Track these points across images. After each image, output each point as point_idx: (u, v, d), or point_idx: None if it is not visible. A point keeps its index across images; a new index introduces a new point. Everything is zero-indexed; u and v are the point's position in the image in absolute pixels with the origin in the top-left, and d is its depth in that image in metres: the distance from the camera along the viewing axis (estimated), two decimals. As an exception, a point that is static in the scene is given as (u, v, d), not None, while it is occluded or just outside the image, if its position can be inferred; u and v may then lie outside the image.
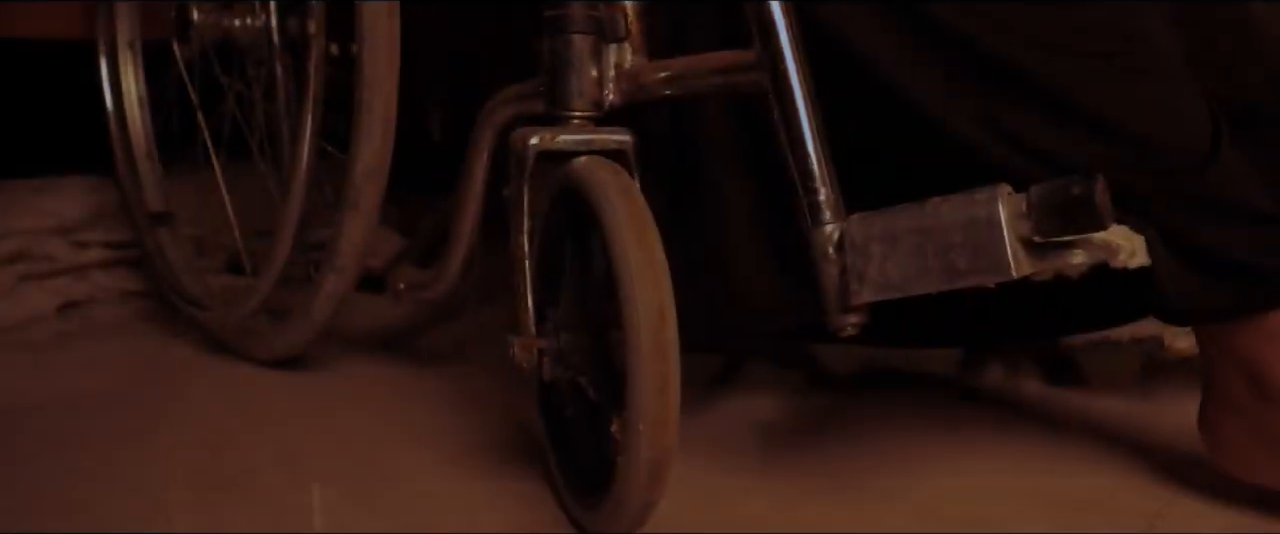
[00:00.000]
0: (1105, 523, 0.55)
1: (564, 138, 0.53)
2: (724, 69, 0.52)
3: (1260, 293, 0.50)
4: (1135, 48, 0.52)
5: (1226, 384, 0.54)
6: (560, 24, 0.54)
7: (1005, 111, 0.52)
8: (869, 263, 0.47)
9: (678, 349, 0.45)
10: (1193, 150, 0.51)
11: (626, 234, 0.46)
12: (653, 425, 0.44)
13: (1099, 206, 0.41)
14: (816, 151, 0.49)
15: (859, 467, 0.62)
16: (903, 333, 0.70)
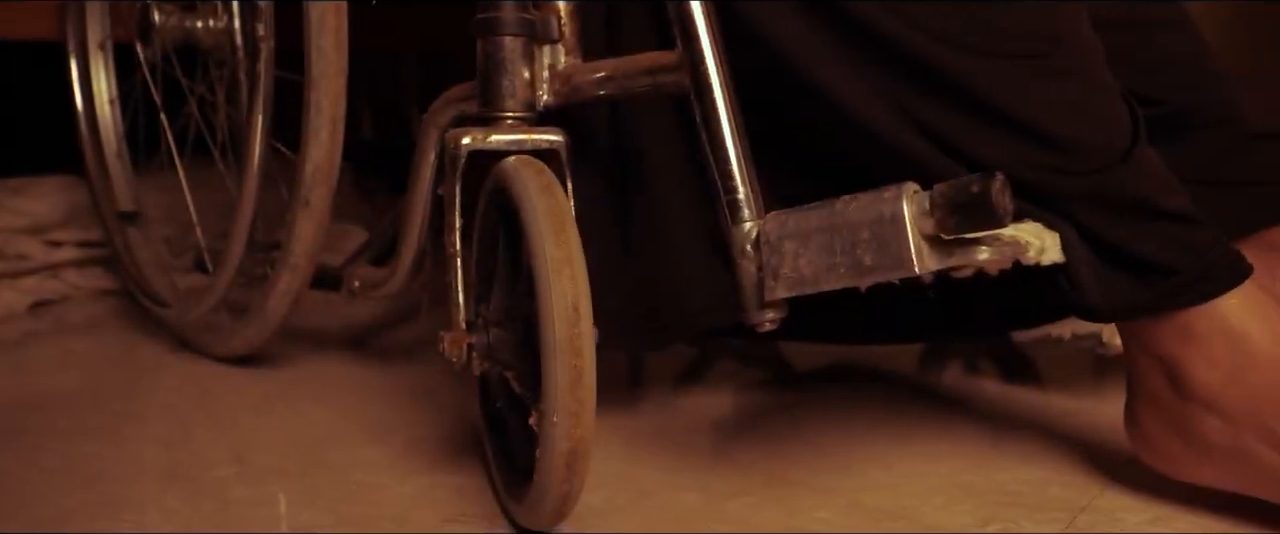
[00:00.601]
0: (1028, 516, 0.56)
1: (495, 138, 0.54)
2: (650, 70, 0.53)
3: (1173, 292, 0.52)
4: (1056, 49, 0.53)
5: (1147, 381, 0.55)
6: (492, 26, 0.55)
7: (927, 112, 0.53)
8: (783, 260, 0.48)
9: (592, 344, 0.47)
10: (1110, 150, 0.53)
11: (544, 231, 0.47)
12: (567, 418, 0.46)
13: (996, 205, 0.42)
14: (736, 151, 0.50)
15: (795, 462, 0.63)
16: (853, 330, 0.71)
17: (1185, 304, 0.52)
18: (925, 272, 0.45)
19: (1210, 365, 0.52)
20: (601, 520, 0.56)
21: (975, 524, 0.55)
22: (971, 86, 0.53)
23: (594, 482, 0.60)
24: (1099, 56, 0.55)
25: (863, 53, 0.54)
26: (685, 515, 0.57)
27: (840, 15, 0.53)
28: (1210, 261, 0.52)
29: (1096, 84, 0.54)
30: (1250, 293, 0.52)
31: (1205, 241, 0.52)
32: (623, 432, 0.69)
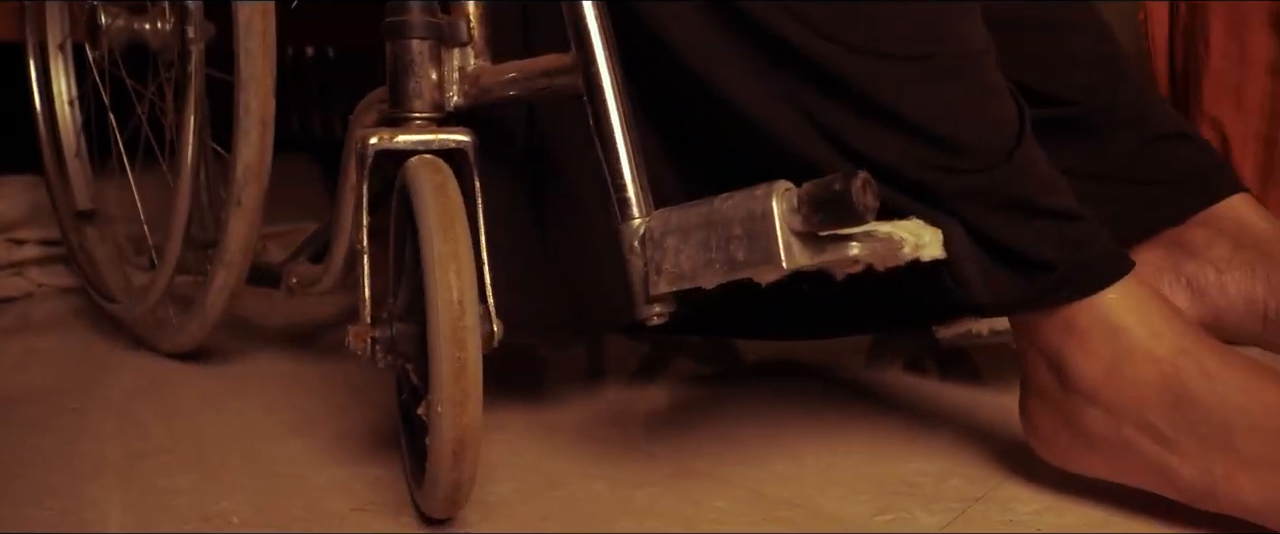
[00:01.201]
0: (923, 506, 0.58)
1: (402, 138, 0.56)
2: (547, 72, 0.55)
3: (1053, 287, 0.53)
4: (945, 51, 0.55)
5: (1035, 375, 0.57)
6: (399, 30, 0.57)
7: (824, 113, 0.55)
8: (665, 256, 0.50)
9: (477, 336, 0.49)
10: (995, 150, 0.54)
11: (433, 227, 0.49)
12: (452, 407, 0.48)
13: (855, 202, 0.44)
14: (626, 151, 0.52)
15: (706, 455, 0.65)
16: (772, 325, 0.73)
17: (1065, 299, 0.53)
18: (794, 267, 0.46)
19: (1090, 359, 0.54)
20: (508, 508, 0.58)
21: (868, 514, 0.57)
22: (864, 88, 0.55)
23: (506, 472, 0.63)
24: (988, 58, 0.56)
25: (761, 55, 0.56)
26: (589, 505, 0.59)
27: (737, 17, 0.55)
28: (1090, 258, 0.53)
29: (984, 85, 0.56)
30: (1130, 288, 0.53)
31: (1086, 238, 0.54)
32: (543, 425, 0.70)
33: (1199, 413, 0.52)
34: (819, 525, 0.56)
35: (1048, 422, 0.57)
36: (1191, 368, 0.52)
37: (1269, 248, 0.63)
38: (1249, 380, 0.52)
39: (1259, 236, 0.64)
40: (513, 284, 0.64)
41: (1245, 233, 0.64)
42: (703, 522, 0.56)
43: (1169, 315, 0.53)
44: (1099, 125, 0.67)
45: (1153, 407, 0.52)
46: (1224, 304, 0.64)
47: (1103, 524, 0.55)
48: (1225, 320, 0.65)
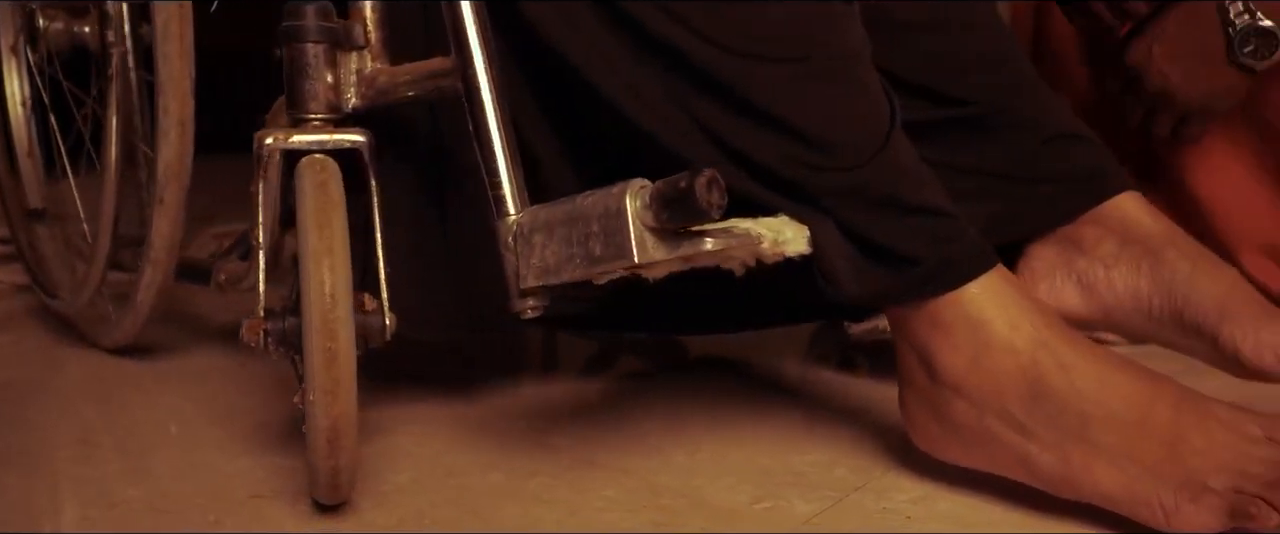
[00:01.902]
0: (804, 494, 0.60)
1: (296, 138, 0.59)
2: (433, 74, 0.58)
3: (917, 281, 0.56)
4: (818, 54, 0.58)
5: (908, 367, 0.59)
6: (295, 34, 0.59)
7: (705, 114, 0.58)
8: (532, 251, 0.52)
9: (348, 328, 0.51)
10: (863, 149, 0.57)
11: (310, 224, 0.52)
12: (323, 395, 0.50)
13: (699, 199, 0.46)
14: (502, 149, 0.54)
15: (606, 446, 0.67)
16: (672, 320, 0.75)
17: (929, 293, 0.56)
18: (646, 261, 0.49)
19: (954, 352, 0.56)
20: (402, 496, 0.61)
21: (747, 502, 0.59)
22: (741, 90, 0.57)
23: (408, 462, 0.65)
24: (863, 59, 0.59)
25: (646, 58, 0.58)
26: (482, 493, 0.61)
27: (622, 22, 0.58)
28: (954, 254, 0.56)
29: (856, 87, 0.58)
30: (993, 283, 0.56)
31: (951, 234, 0.56)
32: (456, 418, 0.73)
33: (1056, 404, 0.54)
34: (698, 513, 0.58)
35: (920, 413, 0.59)
36: (1049, 360, 0.54)
37: (1153, 245, 0.65)
38: (1104, 373, 0.54)
39: (1144, 234, 0.66)
40: (416, 281, 0.67)
41: (1131, 230, 0.66)
42: (588, 509, 0.59)
43: (1029, 309, 0.55)
44: (995, 125, 0.69)
45: (1013, 398, 0.55)
46: (1112, 300, 0.66)
47: (971, 512, 0.57)
48: (1114, 316, 0.67)
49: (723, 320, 0.75)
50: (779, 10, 0.57)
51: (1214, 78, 0.78)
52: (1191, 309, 0.63)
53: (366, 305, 0.60)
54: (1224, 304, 0.62)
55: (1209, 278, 0.63)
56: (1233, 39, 0.77)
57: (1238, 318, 0.61)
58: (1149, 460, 0.52)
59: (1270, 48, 0.76)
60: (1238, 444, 0.52)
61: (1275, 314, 0.60)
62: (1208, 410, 0.53)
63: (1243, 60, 0.77)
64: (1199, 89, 0.78)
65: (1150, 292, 0.65)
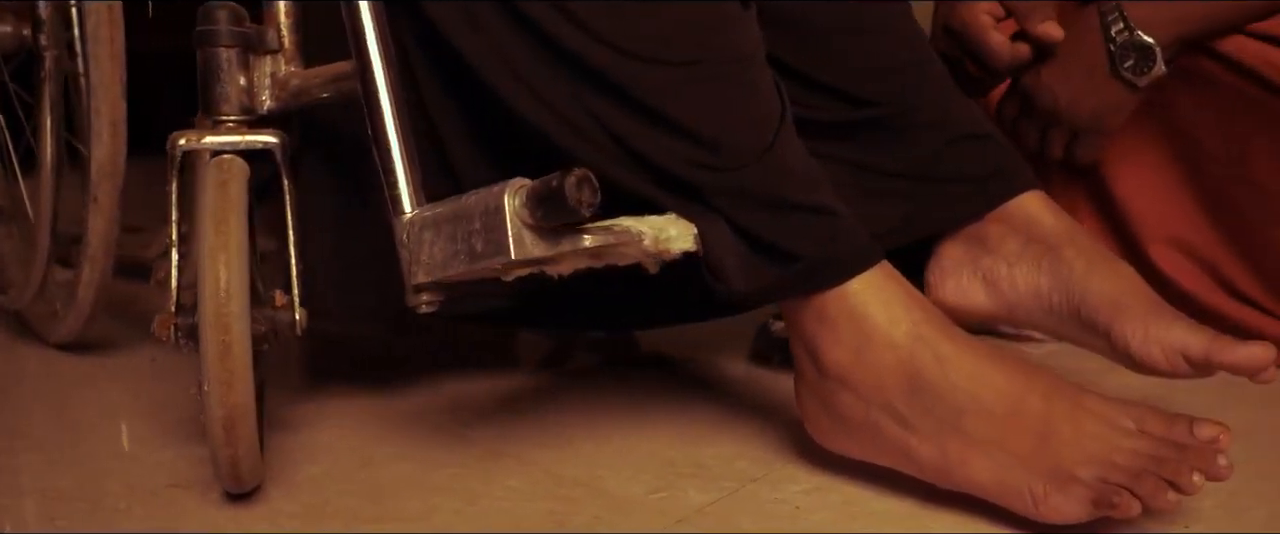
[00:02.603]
0: (701, 485, 0.62)
1: (208, 139, 0.61)
2: (336, 77, 0.60)
3: (801, 277, 0.58)
4: (710, 57, 0.60)
5: (800, 362, 0.61)
6: (208, 38, 0.62)
7: (607, 115, 0.60)
8: (422, 248, 0.55)
9: (242, 322, 0.53)
10: (751, 149, 0.59)
11: (207, 222, 0.54)
12: (218, 386, 0.53)
13: (569, 198, 0.49)
14: (398, 149, 0.57)
15: (520, 439, 0.70)
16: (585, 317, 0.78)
17: (812, 289, 0.58)
18: (524, 257, 0.51)
19: (838, 345, 0.58)
20: (313, 486, 0.63)
21: (644, 492, 0.62)
22: (638, 92, 0.59)
23: (326, 454, 0.68)
24: (753, 62, 0.61)
25: (551, 63, 0.60)
26: (390, 483, 0.63)
27: (520, 21, 0.60)
28: (838, 251, 0.58)
29: (746, 89, 0.60)
30: (876, 279, 0.58)
31: (835, 232, 0.58)
32: (380, 412, 0.75)
33: (933, 397, 0.56)
34: (595, 502, 0.60)
35: (811, 405, 0.61)
36: (926, 354, 0.56)
37: (1053, 243, 0.67)
38: (979, 366, 0.56)
39: (1046, 232, 0.68)
40: (340, 279, 0.69)
41: (1034, 228, 0.68)
42: (488, 498, 0.61)
43: (910, 305, 0.58)
44: (905, 126, 0.71)
45: (893, 391, 0.57)
46: (1014, 297, 0.68)
47: (859, 503, 0.59)
48: (1017, 312, 0.69)
49: (640, 317, 0.78)
50: (673, 14, 0.60)
51: (1100, 94, 0.78)
52: (1087, 306, 0.65)
53: (278, 301, 0.63)
54: (1117, 301, 0.64)
55: (1103, 276, 0.65)
56: (1114, 54, 0.77)
57: (1129, 314, 0.63)
58: (1020, 451, 0.54)
59: (1149, 62, 0.76)
60: (1107, 435, 0.54)
61: (1165, 312, 0.62)
62: (1079, 402, 0.55)
63: (1124, 75, 0.77)
64: (1087, 106, 0.79)
65: (1050, 288, 0.67)
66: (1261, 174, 0.78)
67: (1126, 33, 0.76)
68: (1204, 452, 0.53)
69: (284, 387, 0.82)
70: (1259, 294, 0.82)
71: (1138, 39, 0.76)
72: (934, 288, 0.72)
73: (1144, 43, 0.76)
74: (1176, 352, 0.60)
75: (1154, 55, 0.76)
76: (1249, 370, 0.59)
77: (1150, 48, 0.76)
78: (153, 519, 0.59)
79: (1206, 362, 0.59)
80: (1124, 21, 0.76)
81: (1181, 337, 0.60)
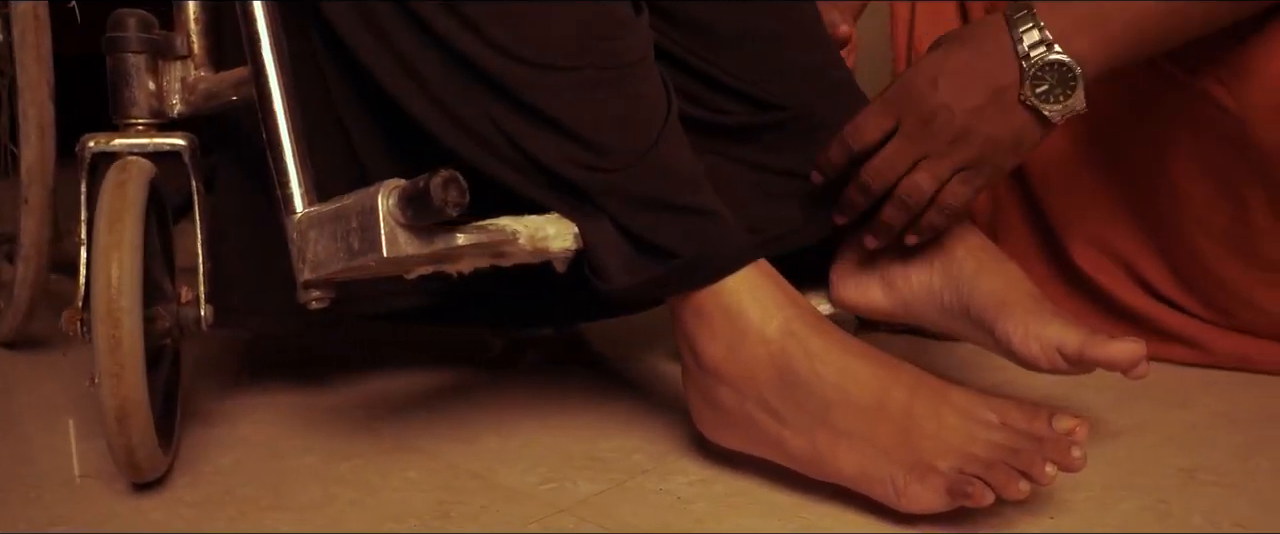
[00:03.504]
0: (591, 476, 0.65)
1: (117, 142, 0.65)
2: (239, 82, 0.64)
3: (677, 274, 0.61)
4: (596, 63, 0.63)
5: (683, 357, 0.64)
6: (116, 44, 0.65)
7: (504, 119, 0.63)
8: (307, 246, 0.58)
9: (133, 317, 0.57)
10: (634, 150, 0.62)
11: (102, 221, 0.58)
12: (109, 379, 0.56)
13: (434, 198, 0.52)
14: (290, 150, 0.60)
15: (430, 432, 0.73)
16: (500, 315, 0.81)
17: (688, 286, 0.61)
18: (397, 255, 0.54)
19: (714, 340, 0.61)
20: (219, 476, 0.66)
21: (536, 483, 0.64)
22: (530, 96, 0.62)
23: (238, 447, 0.71)
24: (639, 67, 0.64)
25: (453, 69, 0.63)
26: (293, 475, 0.67)
27: (415, 26, 0.63)
28: (713, 249, 0.61)
29: (630, 93, 0.63)
30: (751, 277, 0.61)
31: (712, 231, 0.61)
32: (302, 407, 0.79)
33: (803, 390, 0.59)
34: (486, 493, 0.63)
35: (694, 399, 0.64)
36: (796, 349, 0.59)
37: (945, 243, 0.70)
38: (846, 361, 0.59)
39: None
40: (254, 277, 0.73)
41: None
42: (384, 489, 0.64)
43: (783, 302, 0.60)
44: (808, 129, 0.74)
45: (766, 384, 0.60)
46: (908, 295, 0.71)
47: (742, 495, 0.62)
48: (913, 310, 0.72)
49: (555, 314, 0.81)
50: (561, 21, 0.63)
51: (1005, 119, 0.64)
52: (975, 304, 0.67)
53: (183, 298, 0.66)
54: (1002, 299, 0.66)
55: (990, 275, 0.67)
56: (1025, 73, 0.63)
57: (1012, 313, 0.65)
58: (883, 443, 0.57)
59: (1067, 87, 0.63)
60: (967, 428, 0.57)
61: (1045, 310, 0.65)
62: (942, 396, 0.58)
63: (1035, 101, 0.63)
64: (984, 132, 0.64)
65: (941, 287, 0.69)
66: (1178, 174, 0.80)
67: (1043, 47, 0.63)
68: (1060, 443, 0.55)
69: (212, 383, 0.85)
70: (1175, 293, 0.84)
71: (1054, 56, 0.62)
72: (835, 287, 0.75)
73: (1062, 62, 0.62)
74: (1053, 348, 0.63)
75: (1073, 77, 0.63)
76: (1122, 365, 0.61)
77: (1069, 68, 0.62)
78: (59, 507, 0.62)
79: (1081, 358, 0.62)
80: (1040, 33, 0.63)
81: (1058, 334, 0.63)
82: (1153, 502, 0.60)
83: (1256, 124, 0.71)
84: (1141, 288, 0.87)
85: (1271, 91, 0.70)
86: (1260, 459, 0.66)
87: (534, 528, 0.59)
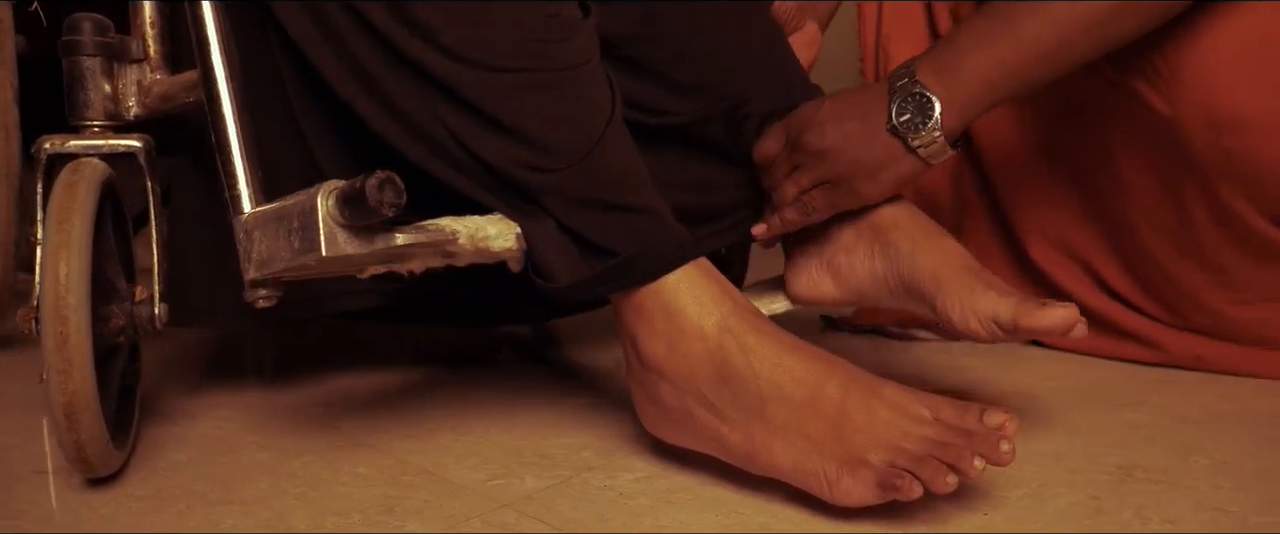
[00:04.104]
0: (539, 472, 0.67)
1: (73, 143, 0.67)
2: (192, 85, 0.65)
3: (616, 272, 0.62)
4: (540, 66, 0.64)
5: (626, 354, 0.66)
6: (72, 48, 0.67)
7: (454, 121, 0.64)
8: (253, 245, 0.60)
9: (80, 314, 0.59)
10: (575, 151, 0.63)
11: (51, 220, 0.59)
12: (57, 375, 0.58)
13: (369, 199, 0.53)
14: (238, 152, 0.62)
15: (386, 429, 0.75)
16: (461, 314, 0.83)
17: (627, 284, 0.62)
18: (336, 254, 0.56)
19: (654, 337, 0.62)
20: (172, 472, 0.68)
21: (483, 479, 0.66)
22: (477, 99, 0.64)
23: (195, 443, 0.73)
24: (583, 68, 0.65)
25: (389, 62, 0.64)
26: (245, 470, 0.68)
27: (365, 28, 0.65)
28: (652, 247, 0.62)
29: (572, 95, 0.64)
30: (690, 275, 0.62)
31: (651, 230, 0.63)
32: (264, 405, 0.80)
33: (739, 385, 0.60)
34: (432, 488, 0.65)
35: (638, 395, 0.66)
36: (732, 345, 0.61)
37: (881, 227, 0.72)
38: (781, 357, 0.60)
39: (875, 219, 0.73)
40: (208, 274, 0.75)
41: (865, 216, 0.73)
42: (332, 483, 0.66)
43: (721, 298, 0.62)
44: (771, 116, 0.76)
45: (704, 380, 0.61)
46: (856, 282, 0.74)
47: (685, 491, 0.63)
48: (864, 295, 0.74)
49: (514, 312, 0.82)
50: (506, 24, 0.64)
51: (870, 145, 0.69)
52: (914, 282, 0.70)
53: (138, 296, 0.68)
54: (938, 275, 0.69)
55: (926, 252, 0.70)
56: (891, 100, 0.69)
57: (949, 287, 0.68)
58: (816, 437, 0.59)
59: (924, 116, 0.68)
60: (898, 422, 0.58)
61: (980, 282, 0.67)
62: (875, 392, 0.59)
63: (898, 127, 0.68)
64: (852, 153, 0.70)
65: (884, 270, 0.72)
66: (1126, 171, 0.81)
67: (906, 81, 0.69)
68: (989, 438, 0.57)
69: (178, 381, 0.87)
70: (1131, 293, 0.86)
71: (917, 89, 0.68)
72: (790, 285, 0.77)
73: (922, 95, 0.68)
74: (989, 318, 0.65)
75: (931, 111, 0.68)
76: (1058, 331, 0.63)
77: (928, 101, 0.68)
78: (10, 502, 0.64)
79: (1015, 327, 0.64)
80: (907, 70, 0.69)
81: (991, 305, 0.65)
82: (1086, 498, 0.62)
83: (1189, 130, 0.73)
84: (1099, 287, 0.88)
85: (1201, 97, 0.72)
86: (1200, 457, 0.68)
87: (475, 523, 0.60)
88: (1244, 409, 0.76)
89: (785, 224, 0.76)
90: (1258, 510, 0.60)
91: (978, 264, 0.68)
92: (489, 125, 0.64)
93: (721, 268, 0.94)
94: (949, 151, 0.69)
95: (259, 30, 0.70)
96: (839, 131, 0.70)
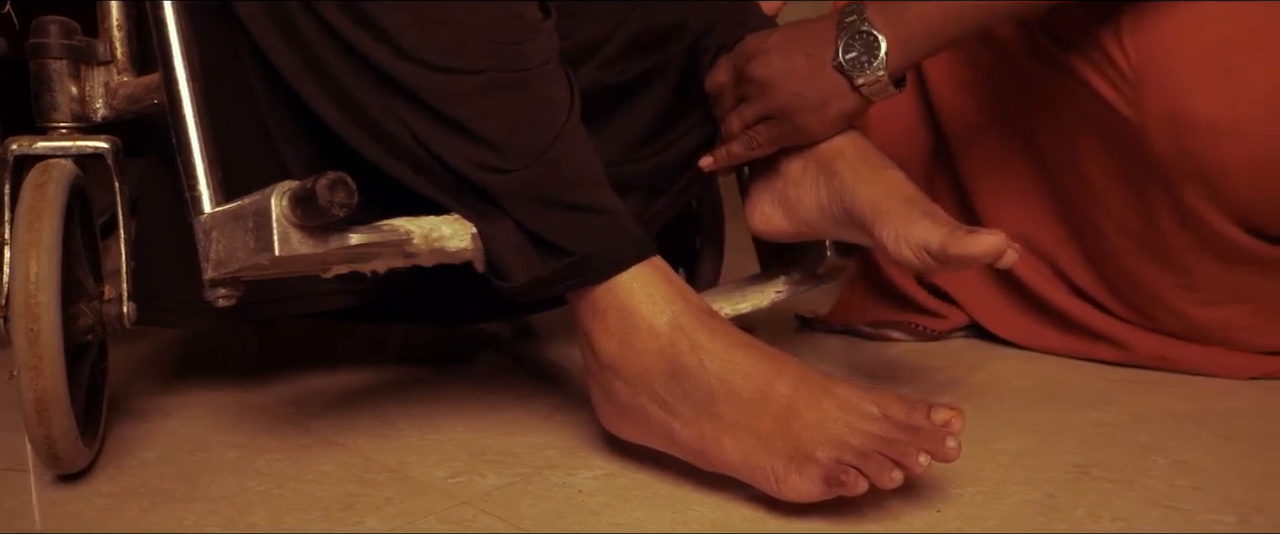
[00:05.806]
0: (500, 469, 0.69)
1: (40, 144, 0.70)
2: (157, 87, 0.68)
3: (570, 271, 0.65)
4: (499, 67, 0.67)
5: (583, 352, 0.68)
6: (39, 50, 0.70)
7: (417, 123, 0.67)
8: (211, 245, 0.62)
9: (50, 311, 0.61)
10: (532, 150, 0.66)
11: (21, 220, 0.62)
12: (28, 372, 0.61)
13: (320, 199, 0.56)
14: (199, 153, 0.64)
15: (355, 428, 0.77)
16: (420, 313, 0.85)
17: (581, 282, 0.65)
18: (289, 254, 0.58)
19: (608, 335, 0.65)
20: (140, 469, 0.71)
21: (444, 476, 0.69)
22: (437, 101, 0.66)
23: (164, 441, 0.76)
24: (542, 70, 0.68)
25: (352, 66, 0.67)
26: (212, 468, 0.71)
27: (328, 33, 0.67)
28: (606, 246, 0.64)
29: (531, 96, 0.67)
30: (644, 273, 0.64)
31: (605, 229, 0.65)
32: (236, 403, 0.83)
33: (690, 382, 0.63)
34: (394, 485, 0.67)
35: (595, 393, 0.68)
36: (683, 342, 0.63)
37: (825, 159, 0.76)
38: (732, 354, 0.63)
39: (820, 151, 0.76)
40: (176, 274, 0.77)
41: (811, 149, 0.77)
42: (297, 481, 0.68)
43: (673, 296, 0.64)
44: (709, 59, 0.80)
45: (656, 377, 0.64)
46: (804, 214, 0.77)
47: (643, 488, 0.65)
48: (814, 226, 0.77)
49: (483, 311, 0.85)
50: (466, 26, 0.67)
51: (814, 80, 0.74)
52: (856, 210, 0.73)
53: (107, 295, 0.71)
54: (877, 205, 0.72)
55: (866, 184, 0.73)
56: (838, 36, 0.73)
57: (886, 218, 0.71)
58: (765, 433, 0.61)
59: (871, 55, 0.72)
60: (846, 419, 0.61)
61: (916, 211, 0.70)
62: (824, 389, 0.62)
63: (844, 65, 0.73)
64: (793, 88, 0.74)
65: (828, 201, 0.75)
66: (1091, 171, 0.83)
67: (855, 18, 0.73)
68: (935, 434, 0.59)
69: (149, 379, 0.90)
70: (1098, 293, 0.88)
71: (865, 28, 0.72)
72: (748, 220, 0.82)
73: (869, 34, 0.72)
74: (920, 246, 0.68)
75: (877, 50, 0.72)
76: (987, 258, 0.66)
77: (875, 40, 0.72)
78: (-20, 498, 0.67)
79: (944, 254, 0.67)
80: (857, 11, 0.73)
81: (923, 233, 0.68)
82: (1041, 496, 0.64)
83: (1152, 133, 0.75)
84: (1067, 287, 0.90)
85: (1164, 100, 0.74)
86: (1158, 456, 0.70)
87: (432, 520, 0.63)
88: (1206, 409, 0.78)
89: (732, 157, 0.80)
90: (1209, 508, 0.62)
91: (919, 194, 0.71)
92: (448, 126, 0.66)
93: (692, 264, 0.98)
94: (891, 90, 0.73)
95: (228, 31, 0.72)
96: (784, 62, 0.74)
